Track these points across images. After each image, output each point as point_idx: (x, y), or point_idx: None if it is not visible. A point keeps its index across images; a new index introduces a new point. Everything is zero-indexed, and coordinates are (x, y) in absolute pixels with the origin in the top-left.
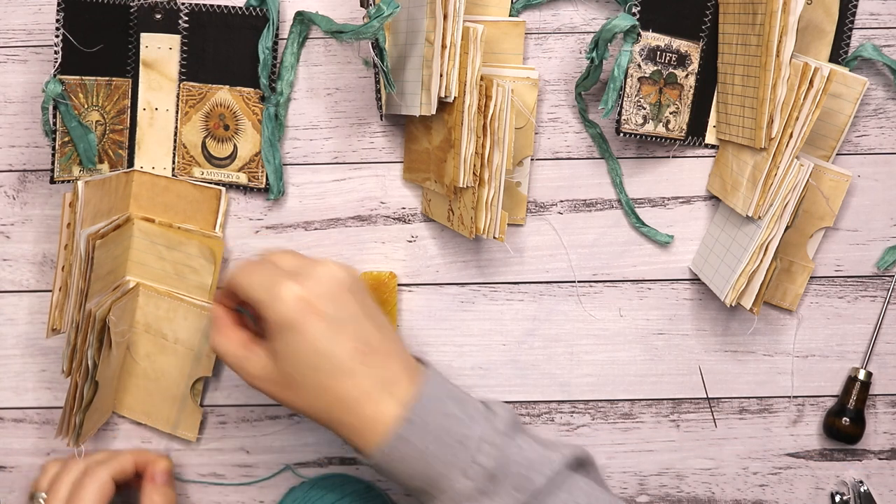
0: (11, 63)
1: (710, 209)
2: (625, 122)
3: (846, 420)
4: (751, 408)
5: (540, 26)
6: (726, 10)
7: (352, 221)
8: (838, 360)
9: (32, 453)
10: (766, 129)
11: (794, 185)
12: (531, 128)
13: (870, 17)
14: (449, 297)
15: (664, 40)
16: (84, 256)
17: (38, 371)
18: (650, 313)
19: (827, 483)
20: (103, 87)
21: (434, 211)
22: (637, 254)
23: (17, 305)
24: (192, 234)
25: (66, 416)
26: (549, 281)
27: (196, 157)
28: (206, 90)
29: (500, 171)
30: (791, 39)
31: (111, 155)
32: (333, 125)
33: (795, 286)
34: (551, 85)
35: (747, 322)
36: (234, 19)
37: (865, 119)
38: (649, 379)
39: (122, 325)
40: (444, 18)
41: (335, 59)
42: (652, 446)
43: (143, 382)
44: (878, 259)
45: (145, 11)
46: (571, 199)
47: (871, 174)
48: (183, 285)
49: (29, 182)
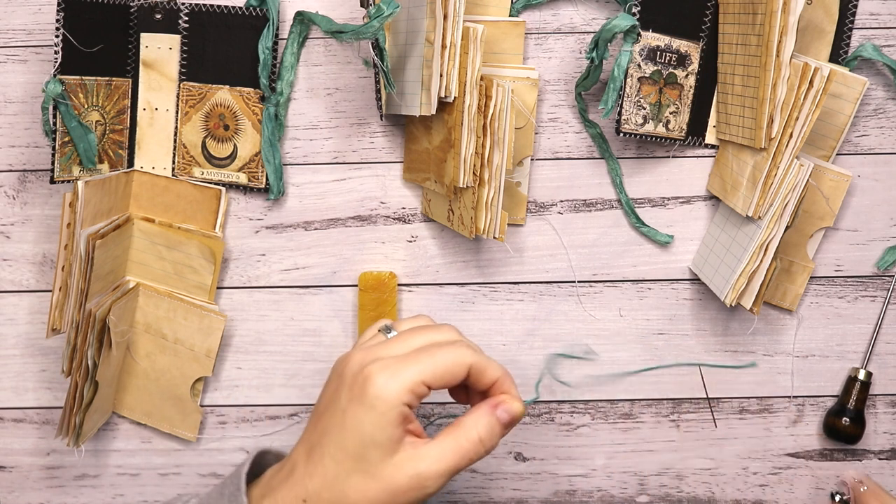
0: (11, 63)
1: (710, 209)
2: (625, 122)
3: (846, 420)
4: (751, 408)
5: (540, 26)
6: (726, 10)
7: (352, 221)
8: (838, 360)
9: (32, 453)
10: (766, 129)
11: (794, 185)
12: (531, 128)
13: (870, 17)
14: (449, 297)
15: (664, 40)
16: (84, 256)
17: (38, 371)
18: (650, 313)
19: (827, 483)
20: (103, 87)
21: (434, 211)
22: (637, 254)
23: (17, 305)
24: (192, 234)
25: (66, 416)
26: (549, 281)
27: (196, 157)
28: (206, 90)
29: (500, 171)
30: (791, 39)
31: (111, 155)
32: (333, 125)
33: (795, 286)
34: (551, 85)
35: (747, 322)
36: (234, 19)
37: (865, 119)
38: (649, 379)
39: (122, 325)
40: (444, 18)
41: (335, 59)
42: (652, 446)
43: (143, 382)
44: (878, 259)
45: (145, 11)
46: (571, 199)
47: (871, 174)
48: (183, 285)
49: (29, 182)
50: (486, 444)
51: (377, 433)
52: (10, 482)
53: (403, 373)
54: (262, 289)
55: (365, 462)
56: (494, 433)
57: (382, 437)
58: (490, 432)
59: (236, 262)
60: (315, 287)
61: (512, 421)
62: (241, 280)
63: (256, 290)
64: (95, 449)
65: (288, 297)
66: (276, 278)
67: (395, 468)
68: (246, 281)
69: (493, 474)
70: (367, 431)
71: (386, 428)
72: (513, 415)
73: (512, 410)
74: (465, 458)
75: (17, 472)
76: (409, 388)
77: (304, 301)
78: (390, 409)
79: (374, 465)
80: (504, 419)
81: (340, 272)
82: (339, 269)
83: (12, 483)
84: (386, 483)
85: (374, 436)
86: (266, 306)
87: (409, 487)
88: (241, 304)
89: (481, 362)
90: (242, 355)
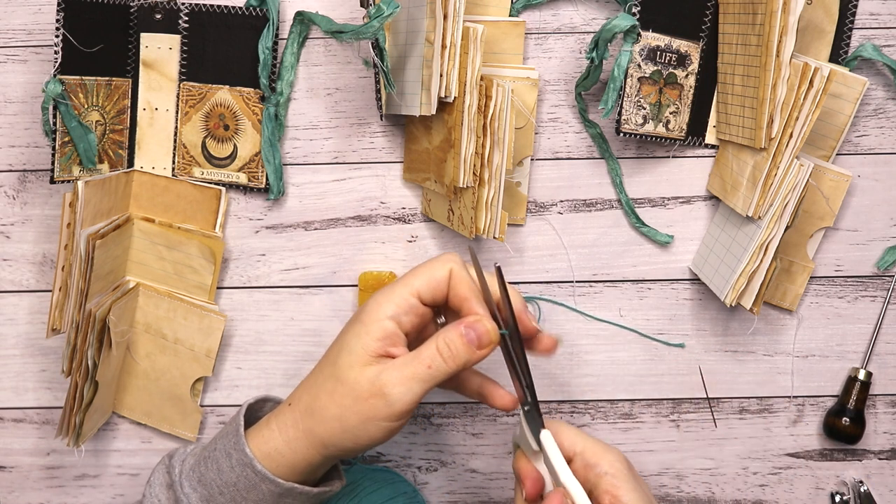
0: (11, 63)
1: (710, 209)
2: (625, 122)
3: (846, 420)
4: (751, 408)
5: (540, 26)
6: (726, 10)
7: (352, 221)
8: (838, 360)
9: (32, 453)
10: (766, 129)
11: (794, 185)
12: (531, 128)
13: (870, 17)
14: None
15: (664, 40)
16: (84, 256)
17: (38, 371)
18: (650, 313)
19: (827, 483)
20: (103, 87)
21: (434, 211)
22: (637, 254)
23: (17, 305)
24: (192, 234)
25: (66, 416)
26: (549, 281)
27: (196, 157)
28: (206, 90)
29: (500, 171)
30: (791, 39)
31: (111, 155)
32: (333, 125)
33: (795, 286)
34: (551, 85)
35: (747, 322)
36: (234, 19)
37: (865, 119)
38: (649, 379)
39: (122, 325)
40: (444, 18)
41: (335, 59)
42: (652, 446)
43: (143, 382)
44: (878, 259)
45: (145, 11)
46: (571, 199)
47: (871, 174)
48: (183, 285)
49: (29, 182)
50: (445, 356)
51: (353, 341)
52: (10, 482)
53: (394, 290)
54: (262, 289)
55: (337, 367)
56: (456, 347)
57: (357, 345)
58: (451, 345)
59: (236, 262)
60: (315, 287)
61: (479, 340)
62: (241, 280)
63: (256, 290)
64: (95, 449)
65: (288, 297)
66: (276, 278)
67: (360, 373)
68: (246, 281)
69: (493, 474)
70: (346, 340)
71: (363, 337)
72: (479, 333)
73: (478, 328)
74: (421, 365)
75: (17, 472)
76: (396, 303)
77: (304, 301)
78: (373, 322)
79: (343, 370)
80: (469, 336)
81: (340, 272)
82: (339, 269)
83: (12, 483)
84: (350, 387)
85: (350, 343)
86: (266, 306)
87: (370, 393)
88: (241, 304)
89: (460, 274)
90: (242, 355)
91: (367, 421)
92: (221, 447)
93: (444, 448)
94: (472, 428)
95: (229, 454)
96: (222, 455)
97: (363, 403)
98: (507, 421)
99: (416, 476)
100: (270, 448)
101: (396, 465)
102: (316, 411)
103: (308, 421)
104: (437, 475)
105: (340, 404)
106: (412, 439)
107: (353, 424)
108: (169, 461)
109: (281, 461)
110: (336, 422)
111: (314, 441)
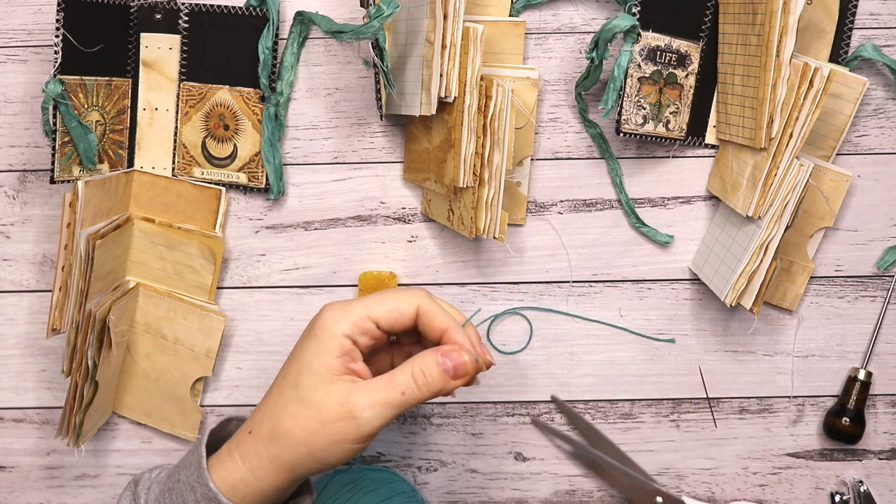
0: (11, 63)
1: (710, 209)
2: (625, 122)
3: (846, 420)
4: (751, 408)
5: (540, 26)
6: (726, 10)
7: (352, 221)
8: (838, 360)
9: (32, 453)
10: (766, 129)
11: (794, 185)
12: (531, 128)
13: (870, 17)
14: (449, 297)
15: (664, 40)
16: (84, 256)
17: (38, 371)
18: (650, 313)
19: (827, 483)
20: (103, 87)
21: (434, 211)
22: (637, 254)
23: (17, 305)
24: (192, 234)
25: (66, 416)
26: (549, 281)
27: (196, 157)
28: (206, 90)
29: (500, 171)
30: (791, 39)
31: (111, 155)
32: (333, 125)
33: (795, 286)
34: (551, 85)
35: (747, 322)
36: (234, 19)
37: (865, 119)
38: (649, 379)
39: (122, 325)
40: (444, 18)
41: (335, 59)
42: (652, 446)
43: (143, 382)
44: (878, 259)
45: (145, 11)
46: (571, 199)
47: (871, 174)
48: (183, 285)
49: (29, 182)
50: (420, 383)
51: (313, 359)
52: (10, 482)
53: (351, 308)
54: (262, 289)
55: (300, 388)
56: (432, 375)
57: (318, 363)
58: (426, 372)
59: (236, 262)
60: (315, 287)
61: (455, 371)
62: (241, 280)
63: (256, 290)
64: (95, 449)
65: (288, 297)
66: (276, 278)
67: (326, 395)
68: (246, 281)
69: (493, 474)
70: (305, 358)
71: (322, 355)
72: (455, 363)
73: (455, 358)
74: (395, 391)
75: (17, 472)
76: (353, 322)
77: (304, 301)
78: (330, 339)
79: (307, 391)
80: (446, 365)
81: (340, 272)
82: (338, 269)
83: (12, 483)
84: (317, 410)
85: (310, 362)
86: (266, 306)
87: (338, 416)
88: (241, 304)
89: (431, 308)
90: (242, 355)
91: (334, 444)
92: (185, 479)
93: (444, 448)
94: (472, 428)
95: (193, 487)
96: (186, 488)
97: (331, 427)
98: (507, 421)
99: (415, 476)
100: (235, 479)
101: (396, 465)
102: (280, 437)
103: (272, 448)
104: (437, 475)
105: (306, 428)
106: (412, 439)
107: (319, 447)
108: (135, 488)
109: (247, 491)
110: (302, 446)
111: (280, 467)
